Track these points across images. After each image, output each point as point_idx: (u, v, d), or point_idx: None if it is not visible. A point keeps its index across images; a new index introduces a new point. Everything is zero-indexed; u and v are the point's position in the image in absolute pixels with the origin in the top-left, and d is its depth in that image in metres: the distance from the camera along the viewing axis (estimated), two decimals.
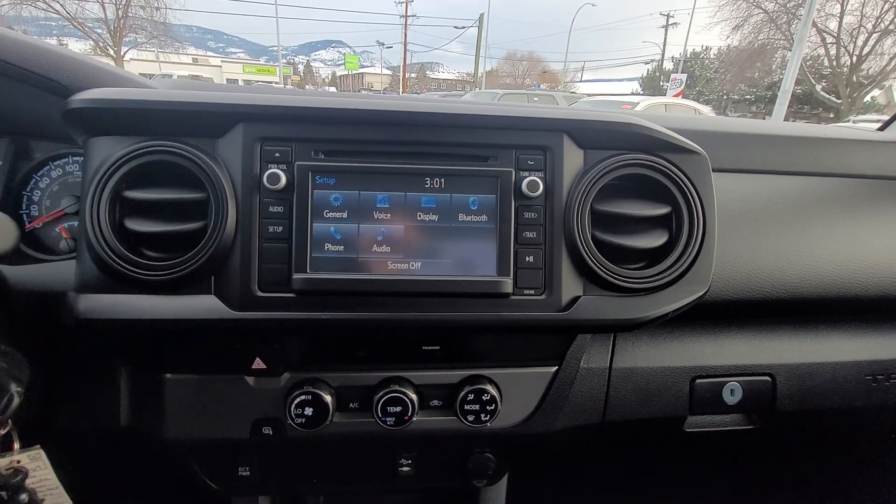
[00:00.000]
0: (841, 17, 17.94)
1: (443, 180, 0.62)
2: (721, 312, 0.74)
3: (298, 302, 0.60)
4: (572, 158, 0.64)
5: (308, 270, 0.60)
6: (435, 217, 0.62)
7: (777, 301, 0.73)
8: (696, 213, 0.64)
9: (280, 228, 0.61)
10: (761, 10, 19.99)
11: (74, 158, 0.81)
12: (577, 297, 0.63)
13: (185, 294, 0.60)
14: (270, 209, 0.61)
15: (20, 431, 0.63)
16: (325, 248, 0.61)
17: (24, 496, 0.60)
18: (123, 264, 0.58)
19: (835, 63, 18.80)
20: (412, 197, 0.62)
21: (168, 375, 0.68)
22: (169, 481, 0.88)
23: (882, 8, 17.01)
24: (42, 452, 0.63)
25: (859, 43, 18.01)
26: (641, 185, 0.65)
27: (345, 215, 0.61)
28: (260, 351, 0.65)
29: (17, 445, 0.61)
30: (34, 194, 0.80)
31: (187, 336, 0.64)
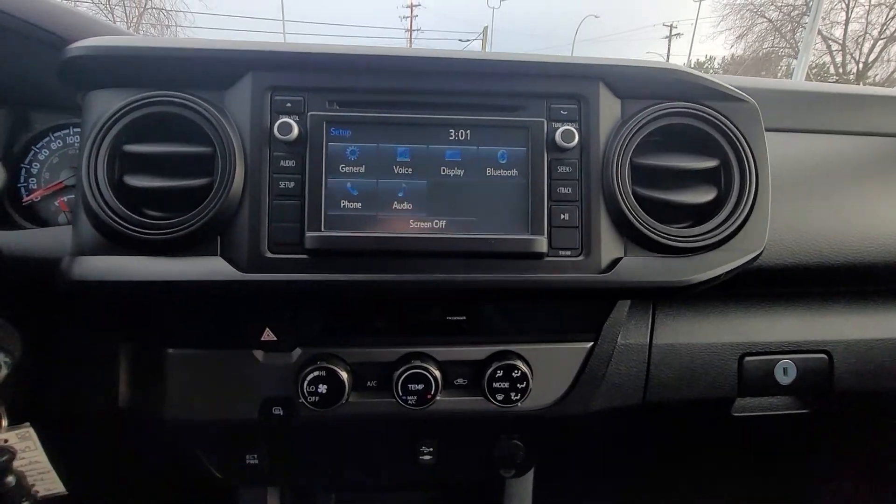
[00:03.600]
0: (846, 25, 17.93)
1: (468, 132, 0.57)
2: (773, 281, 0.68)
3: (312, 263, 0.55)
4: (609, 108, 0.59)
5: (322, 229, 0.55)
6: (460, 172, 0.57)
7: (836, 267, 0.66)
8: (747, 166, 0.58)
9: (292, 184, 0.56)
10: (765, 19, 20.02)
11: (75, 129, 0.77)
12: (618, 259, 0.57)
13: (189, 256, 0.55)
14: (281, 164, 0.56)
15: (9, 410, 0.58)
16: (341, 205, 0.56)
17: (10, 479, 0.54)
18: (122, 223, 0.53)
19: (841, 70, 18.73)
20: (435, 150, 0.57)
21: (170, 351, 0.63)
22: (171, 471, 0.83)
23: (888, 15, 16.99)
24: (32, 431, 0.57)
25: (865, 50, 17.96)
26: (685, 138, 0.59)
27: (362, 170, 0.56)
28: (270, 321, 0.60)
29: (4, 423, 0.56)
30: (33, 167, 0.75)
31: (191, 302, 0.59)
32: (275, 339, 0.60)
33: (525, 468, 0.76)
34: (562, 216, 0.57)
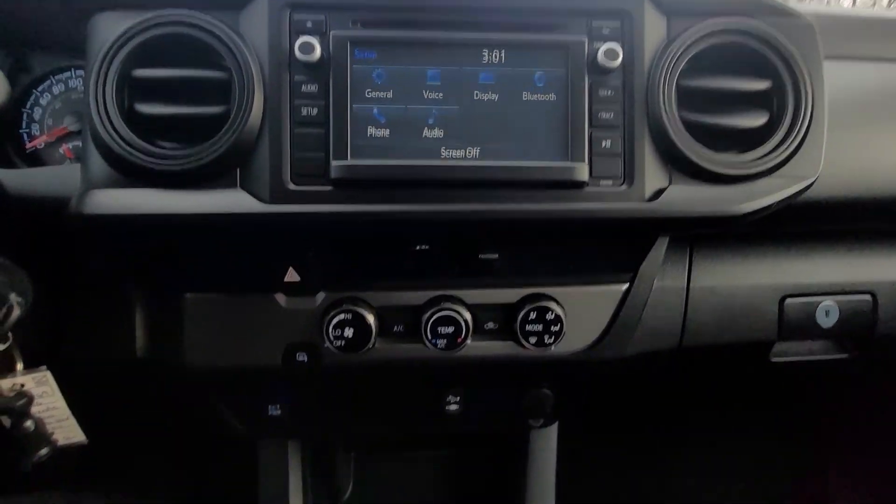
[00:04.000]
0: None
1: (503, 52, 0.53)
2: (821, 216, 0.64)
3: (337, 194, 0.51)
4: (654, 26, 0.54)
5: (348, 158, 0.51)
6: (494, 96, 0.53)
7: (889, 201, 0.63)
8: (802, 87, 0.54)
9: (315, 111, 0.52)
10: None
11: (77, 73, 0.73)
12: (663, 189, 0.54)
13: (207, 189, 0.51)
14: (303, 88, 0.52)
15: (24, 354, 0.56)
16: (368, 132, 0.52)
17: (29, 423, 0.52)
18: (135, 153, 0.50)
19: None
20: (468, 72, 0.53)
21: (188, 295, 0.60)
22: (191, 422, 0.81)
23: None
24: (49, 375, 0.55)
25: None
26: (735, 58, 0.55)
27: (389, 95, 0.52)
28: (293, 260, 0.57)
29: (19, 366, 0.54)
30: (34, 112, 0.72)
31: (209, 239, 0.56)
32: (298, 279, 0.57)
33: (553, 417, 0.74)
34: (603, 143, 0.53)
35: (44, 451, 0.53)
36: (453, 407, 0.71)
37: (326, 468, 0.94)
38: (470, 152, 0.52)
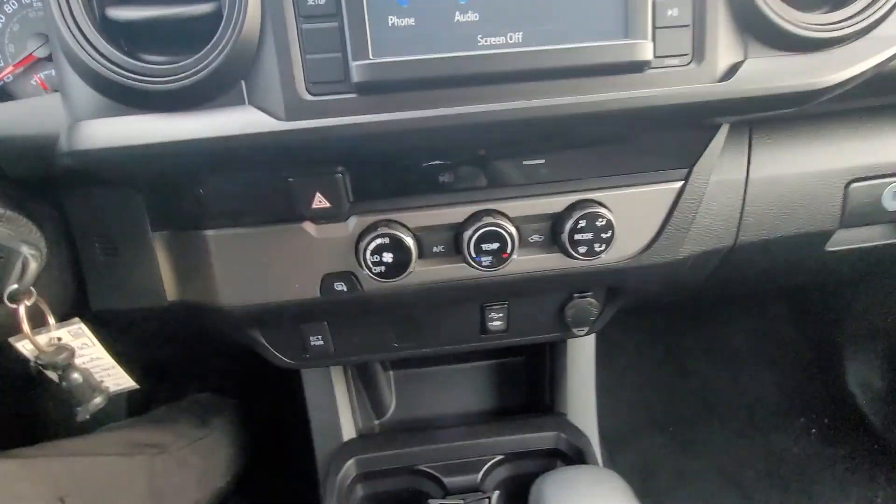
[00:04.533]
0: None
1: None
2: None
3: (363, 102, 0.44)
4: None
5: (371, 56, 0.44)
6: None
7: None
8: None
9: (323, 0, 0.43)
10: None
11: None
12: (738, 64, 0.46)
13: (212, 108, 0.45)
14: None
15: (54, 309, 0.53)
16: (389, 22, 0.44)
17: (76, 375, 0.51)
18: (118, 70, 0.42)
19: None
20: None
21: (209, 233, 0.56)
22: (234, 357, 0.81)
23: None
24: (84, 327, 0.53)
25: None
26: None
27: None
28: (318, 184, 0.51)
29: (51, 320, 0.51)
30: None
31: (221, 167, 0.50)
32: (327, 205, 0.52)
33: (599, 325, 0.73)
34: (669, 12, 0.45)
35: (98, 399, 0.53)
36: (497, 323, 0.70)
37: (369, 388, 0.97)
38: (512, 37, 0.44)
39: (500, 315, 0.70)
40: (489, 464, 0.78)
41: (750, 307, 1.62)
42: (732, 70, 0.46)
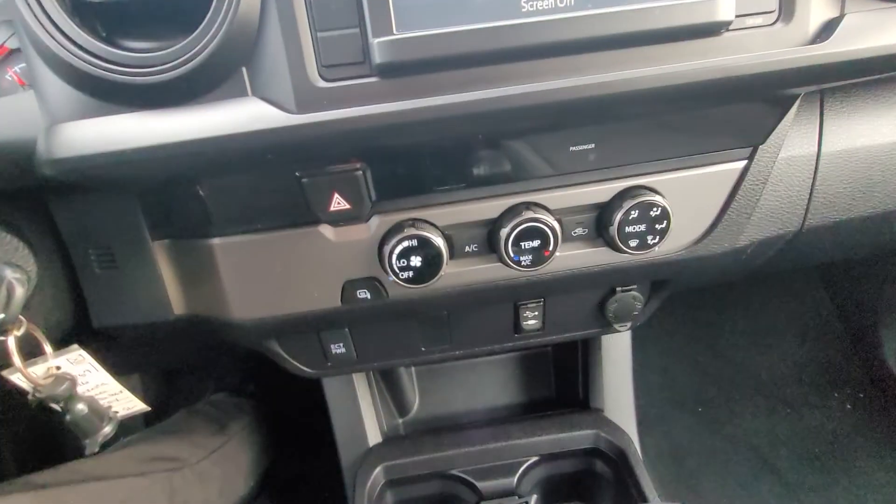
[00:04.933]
0: None
1: None
2: None
3: (386, 86, 0.37)
4: None
5: (394, 30, 0.36)
6: None
7: None
8: None
9: None
10: None
11: None
12: (834, 20, 0.38)
13: (209, 102, 0.38)
14: None
15: (52, 333, 0.48)
16: None
17: (81, 406, 0.46)
18: (96, 60, 0.36)
19: None
20: None
21: (215, 241, 0.50)
22: (249, 358, 0.77)
23: None
24: (84, 353, 0.48)
25: None
26: None
27: None
28: (336, 183, 0.45)
29: (48, 349, 0.46)
30: None
31: (225, 168, 0.43)
32: (347, 206, 0.46)
33: (641, 318, 0.67)
34: None
35: (107, 428, 0.48)
36: (531, 322, 0.65)
37: (392, 387, 0.92)
38: (562, 0, 0.37)
39: (536, 314, 0.64)
40: (525, 465, 0.74)
41: (779, 282, 1.56)
42: (827, 28, 0.38)
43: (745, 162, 0.51)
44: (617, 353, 0.82)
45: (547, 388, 0.97)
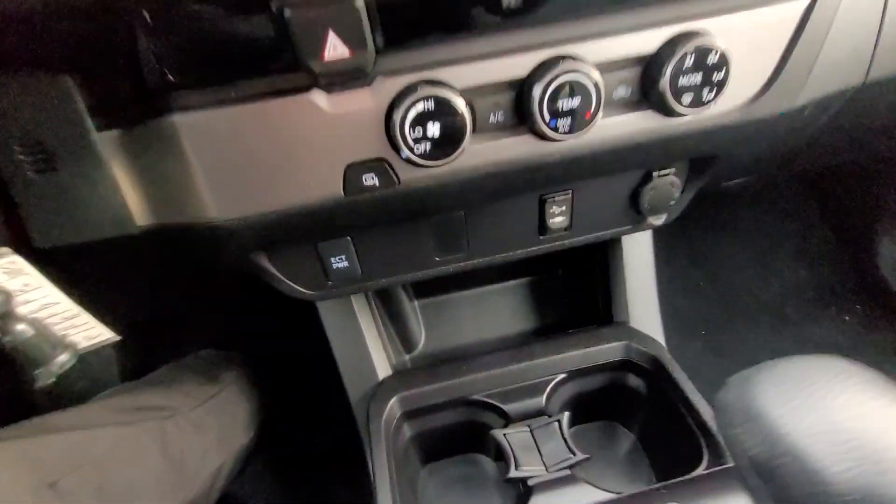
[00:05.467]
0: None
1: None
2: None
3: None
4: None
5: None
6: None
7: None
8: None
9: None
10: None
11: None
12: None
13: None
14: None
15: None
16: None
17: (22, 327, 0.37)
18: None
19: None
20: None
21: (177, 119, 0.39)
22: (235, 314, 0.68)
23: None
24: (20, 260, 0.38)
25: None
26: None
27: None
28: (330, 17, 0.35)
29: None
30: None
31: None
32: (346, 53, 0.36)
33: (677, 209, 0.60)
34: None
35: (62, 356, 0.39)
36: (558, 219, 0.57)
37: (395, 320, 0.85)
38: None
39: (563, 209, 0.56)
40: (552, 384, 0.68)
41: (773, 203, 1.54)
42: None
43: (807, 1, 0.44)
44: (639, 261, 0.76)
45: (560, 311, 0.92)
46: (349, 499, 1.08)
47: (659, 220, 0.59)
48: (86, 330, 0.43)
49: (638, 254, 0.76)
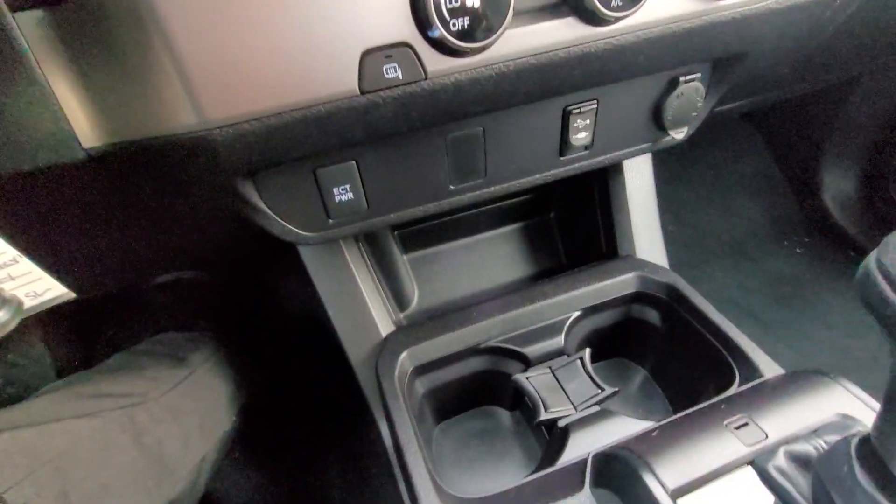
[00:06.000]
0: None
1: None
2: None
3: None
4: None
5: None
6: None
7: None
8: None
9: None
10: None
11: None
12: None
13: None
14: None
15: None
16: None
17: None
18: None
19: None
20: None
21: None
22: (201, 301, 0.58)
23: None
24: None
25: None
26: None
27: None
28: None
29: None
30: None
31: None
32: None
33: (696, 122, 0.57)
34: None
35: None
36: (581, 135, 0.52)
37: (388, 275, 0.78)
38: None
39: (587, 122, 0.51)
40: (568, 322, 0.64)
41: (727, 146, 1.60)
42: None
43: None
44: (642, 191, 0.74)
45: (555, 255, 0.88)
46: (340, 480, 1.01)
47: (681, 134, 0.56)
48: (30, 282, 0.32)
49: (640, 184, 0.73)
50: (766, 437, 0.37)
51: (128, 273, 0.64)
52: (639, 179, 0.73)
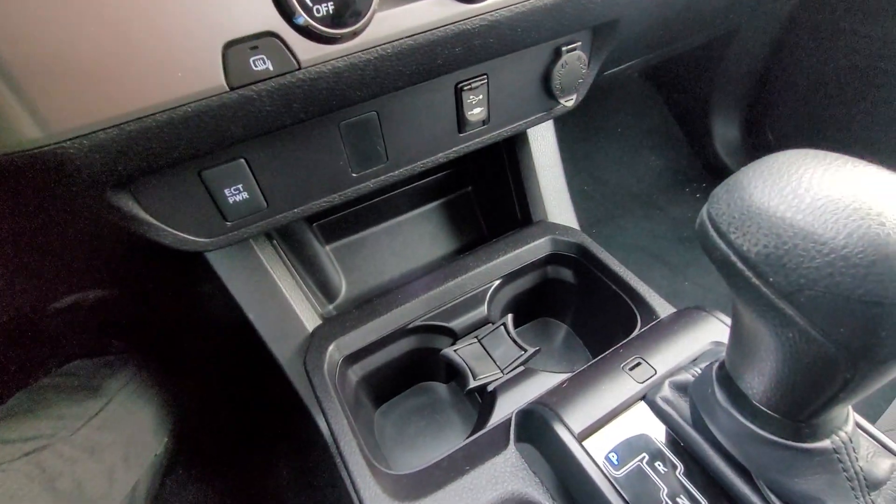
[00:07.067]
0: None
1: None
2: None
3: None
4: None
5: None
6: None
7: None
8: None
9: None
10: None
11: None
12: None
13: None
14: None
15: None
16: None
17: None
18: None
19: None
20: None
21: None
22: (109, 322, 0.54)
23: None
24: None
25: None
26: None
27: None
28: None
29: None
30: None
31: None
32: None
33: (583, 90, 0.60)
34: None
35: None
36: (476, 112, 0.53)
37: (311, 269, 0.76)
38: None
39: (480, 97, 0.52)
40: (489, 291, 0.67)
41: (629, 105, 1.70)
42: None
43: None
44: (547, 158, 0.77)
45: (476, 228, 0.90)
46: (291, 478, 1.00)
47: (570, 101, 0.59)
48: None
49: (545, 150, 0.77)
50: (655, 372, 0.41)
51: (19, 299, 0.57)
52: (544, 146, 0.77)
